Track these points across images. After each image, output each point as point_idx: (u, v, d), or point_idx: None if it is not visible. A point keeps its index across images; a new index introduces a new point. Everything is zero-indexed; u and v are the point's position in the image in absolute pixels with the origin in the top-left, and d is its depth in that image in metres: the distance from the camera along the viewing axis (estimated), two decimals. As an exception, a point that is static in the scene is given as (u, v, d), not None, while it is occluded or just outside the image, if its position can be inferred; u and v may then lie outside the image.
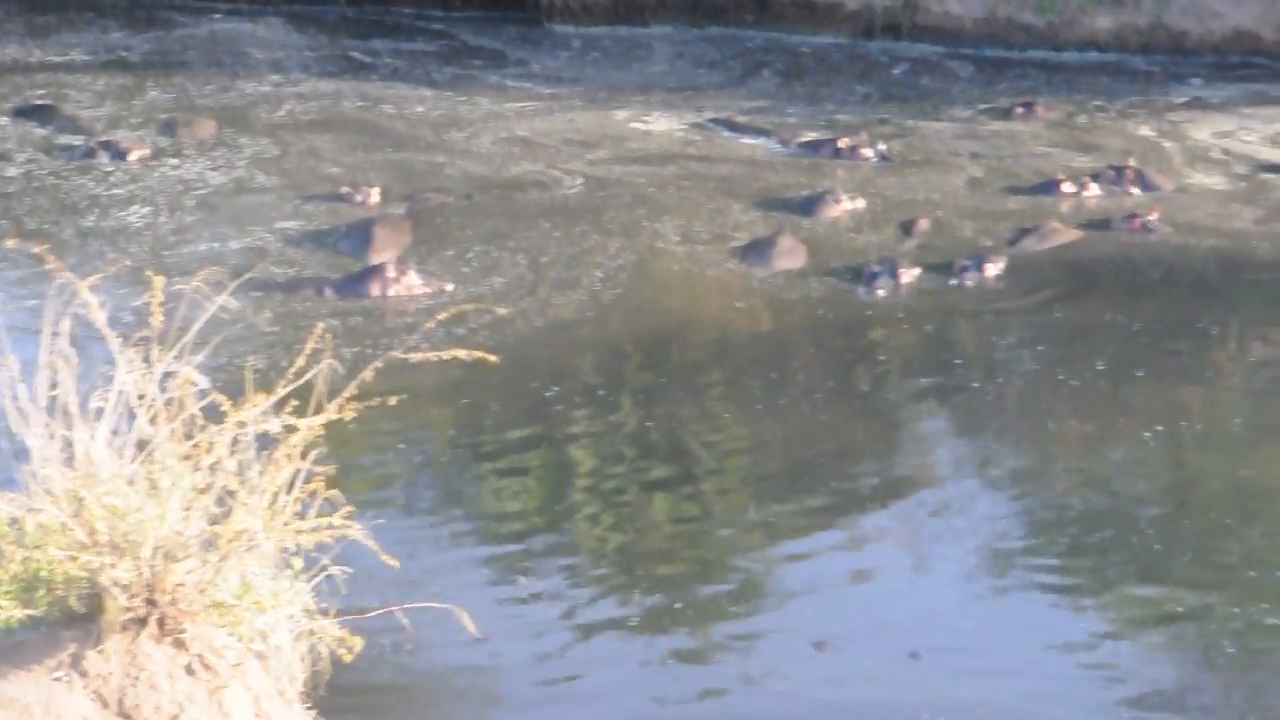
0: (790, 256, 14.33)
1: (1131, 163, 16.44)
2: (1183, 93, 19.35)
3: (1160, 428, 11.49)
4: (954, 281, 13.89)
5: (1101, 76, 20.05)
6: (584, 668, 8.97)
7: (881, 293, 13.68)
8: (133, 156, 16.55)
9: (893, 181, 16.39)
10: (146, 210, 15.34)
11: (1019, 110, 18.51)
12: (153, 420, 7.01)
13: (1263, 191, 16.11)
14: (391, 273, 13.46)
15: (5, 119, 18.09)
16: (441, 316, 8.80)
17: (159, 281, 7.14)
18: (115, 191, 15.78)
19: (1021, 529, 10.41)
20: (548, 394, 11.98)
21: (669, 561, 10.05)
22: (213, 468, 6.95)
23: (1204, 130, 17.96)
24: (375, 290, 13.39)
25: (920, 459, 11.37)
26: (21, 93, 19.09)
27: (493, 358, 7.91)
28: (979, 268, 14.04)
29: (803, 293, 13.75)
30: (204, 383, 7.22)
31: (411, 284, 13.47)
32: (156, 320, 7.08)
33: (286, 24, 22.28)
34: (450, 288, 13.51)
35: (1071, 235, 14.94)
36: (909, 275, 13.88)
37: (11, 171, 16.44)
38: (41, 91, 19.17)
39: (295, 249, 14.46)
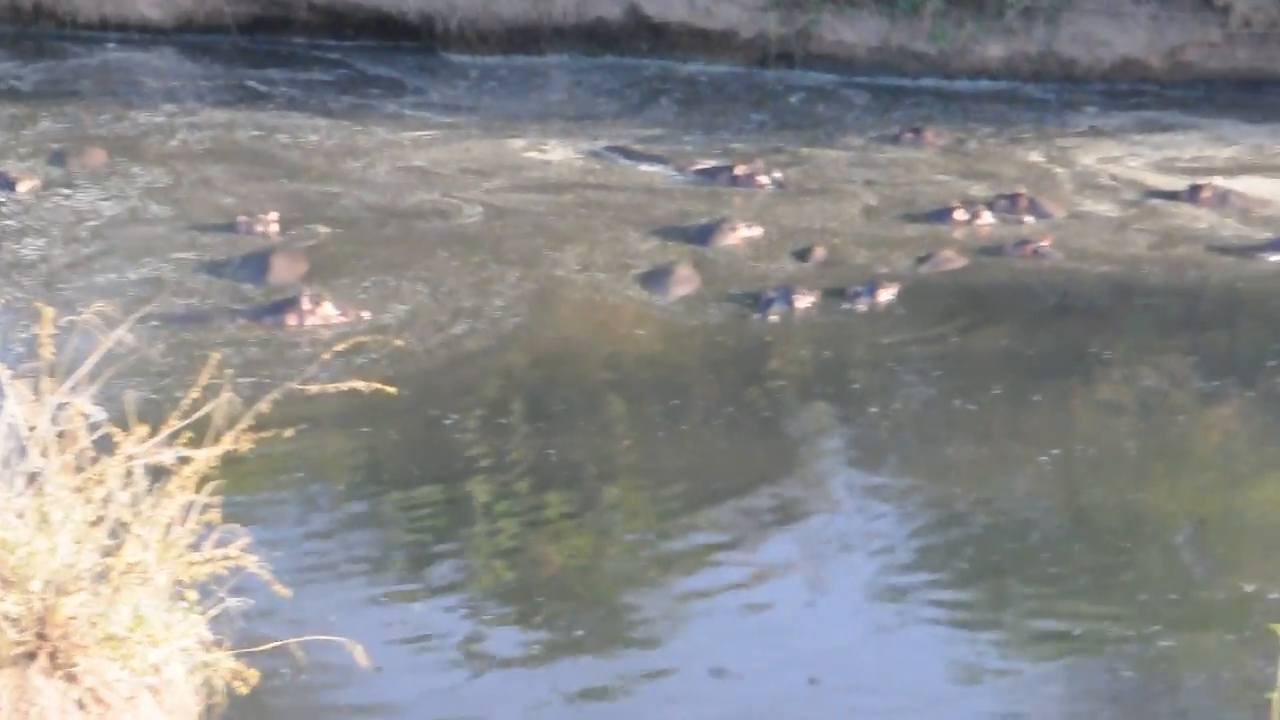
0: (688, 284, 14.38)
1: (1023, 190, 16.63)
2: (1074, 120, 19.58)
3: (1056, 452, 11.61)
4: (848, 307, 13.99)
5: (995, 104, 20.26)
6: (480, 701, 8.93)
7: (778, 319, 13.75)
8: (22, 187, 16.34)
9: (788, 209, 16.48)
10: (38, 241, 15.16)
11: (908, 136, 18.69)
12: (43, 452, 6.94)
13: (1153, 218, 16.33)
14: (307, 304, 13.37)
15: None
16: (340, 347, 8.74)
17: (49, 313, 7.08)
18: (6, 223, 15.57)
19: (920, 556, 10.46)
20: (447, 422, 11.95)
21: (567, 593, 10.03)
22: (105, 500, 6.89)
23: (1094, 157, 18.19)
24: (292, 320, 13.31)
25: (818, 486, 11.42)
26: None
27: (391, 388, 7.89)
28: (872, 294, 14.16)
29: (701, 320, 13.80)
30: (96, 414, 7.16)
31: (328, 314, 13.39)
32: (46, 352, 7.02)
33: (180, 54, 22.09)
34: (367, 316, 13.46)
35: (965, 262, 15.09)
36: (805, 301, 13.97)
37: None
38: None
39: (192, 279, 14.34)
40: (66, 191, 16.53)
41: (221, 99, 20.13)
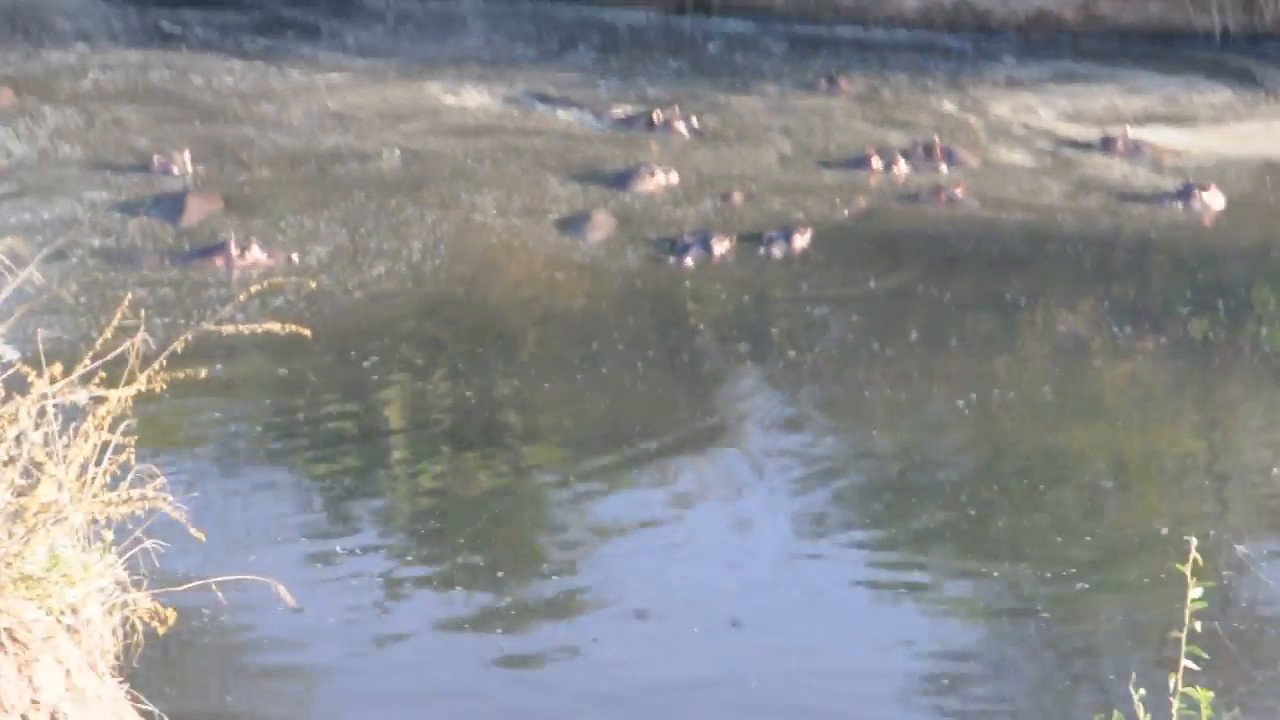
0: (605, 229, 14.36)
1: (938, 139, 16.68)
2: (989, 71, 19.65)
3: (973, 396, 11.69)
4: (764, 253, 14.00)
5: (911, 54, 20.30)
6: (399, 637, 8.93)
7: (694, 264, 13.75)
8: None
9: (706, 155, 16.47)
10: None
11: (823, 84, 18.72)
12: (-45, 393, 6.83)
13: (1067, 167, 16.43)
14: (235, 249, 13.23)
15: None
16: (255, 288, 8.65)
17: (-45, 254, 6.95)
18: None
19: (838, 499, 10.53)
20: (365, 364, 11.90)
21: (488, 533, 10.02)
22: (18, 439, 6.78)
23: (1009, 107, 18.27)
24: (219, 264, 13.17)
25: (738, 429, 11.44)
26: None
27: (306, 331, 7.81)
28: (788, 239, 14.17)
29: (619, 264, 13.79)
30: (8, 354, 7.06)
31: (255, 258, 13.26)
32: (-42, 293, 6.90)
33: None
34: (296, 259, 13.36)
35: (880, 209, 15.13)
36: (722, 247, 13.97)
37: None
38: None
39: (106, 219, 14.18)
40: (-26, 131, 16.32)
41: (134, 40, 19.88)
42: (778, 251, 14.07)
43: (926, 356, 12.36)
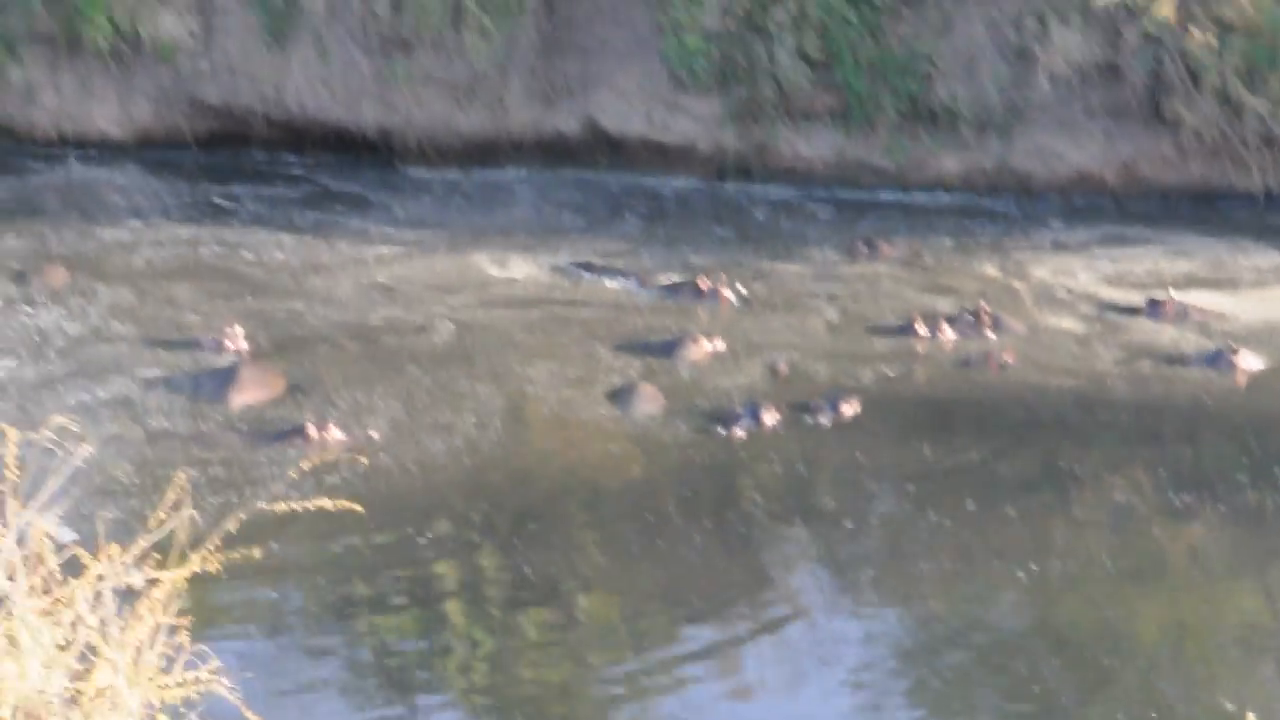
0: (655, 400, 14.37)
1: (984, 304, 16.70)
2: (1033, 234, 19.72)
3: (1032, 568, 11.57)
4: (813, 421, 13.98)
5: (954, 217, 20.39)
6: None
7: (744, 434, 13.73)
8: (-16, 305, 16.26)
9: (753, 323, 16.53)
10: (2, 361, 15.05)
11: (863, 250, 18.80)
12: (10, 575, 6.82)
13: (1114, 332, 16.41)
14: (313, 431, 13.25)
15: None
16: (306, 466, 8.67)
17: (11, 433, 6.98)
18: (-32, 342, 15.48)
19: (897, 677, 10.37)
20: (420, 541, 11.85)
21: (543, 714, 9.91)
22: (74, 623, 6.76)
23: (1053, 271, 18.30)
24: (298, 444, 13.16)
25: (794, 604, 11.32)
26: None
27: (358, 507, 7.81)
28: (836, 408, 14.16)
29: (670, 436, 13.77)
30: (64, 535, 7.06)
31: (335, 437, 13.28)
32: (10, 473, 6.91)
33: (143, 169, 22.12)
34: (376, 436, 13.37)
35: (929, 376, 15.11)
36: (771, 416, 13.96)
37: None
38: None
39: (158, 398, 14.22)
40: (29, 310, 16.44)
41: (187, 215, 20.13)
42: (827, 420, 14.06)
43: (982, 527, 12.27)
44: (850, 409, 14.20)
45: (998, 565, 11.69)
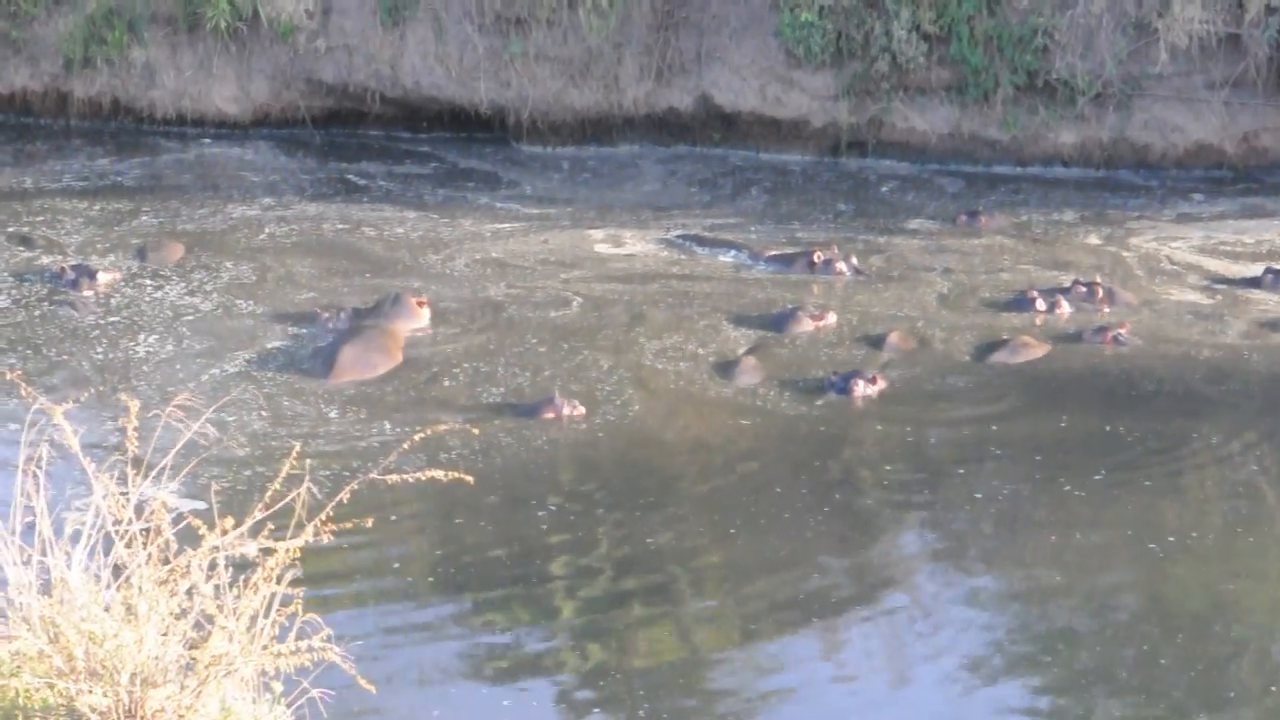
0: (769, 372, 14.36)
1: (1099, 278, 16.56)
2: (1149, 207, 19.56)
3: (1155, 546, 11.41)
4: (927, 392, 13.93)
5: (1070, 190, 20.25)
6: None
7: (857, 407, 13.69)
8: (103, 280, 16.46)
9: (867, 296, 16.49)
10: (121, 336, 15.28)
11: (980, 223, 18.73)
12: (129, 545, 6.96)
13: (1232, 304, 16.22)
14: (562, 404, 13.36)
15: (-12, 246, 17.97)
16: (419, 437, 8.73)
17: (133, 406, 7.11)
18: (87, 317, 15.68)
19: (1014, 657, 10.19)
20: (534, 514, 11.87)
21: (653, 681, 9.92)
22: (189, 592, 6.89)
23: (1171, 244, 18.12)
24: (548, 416, 13.31)
25: (907, 581, 11.18)
26: (9, 220, 18.94)
27: (469, 478, 7.88)
28: (952, 380, 14.12)
29: (781, 408, 13.74)
30: (183, 506, 7.20)
31: (574, 413, 13.39)
32: (131, 445, 7.05)
33: (274, 148, 22.43)
34: (582, 411, 13.46)
35: (1045, 349, 15.00)
36: (886, 387, 13.93)
37: (-12, 300, 16.32)
38: (28, 218, 19.02)
39: (272, 372, 14.38)
40: (150, 284, 16.68)
41: (319, 192, 20.37)
42: (942, 392, 14.00)
43: (1103, 504, 12.05)
44: (966, 381, 14.13)
45: (1119, 544, 11.49)
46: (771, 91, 21.80)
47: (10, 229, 18.53)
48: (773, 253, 17.76)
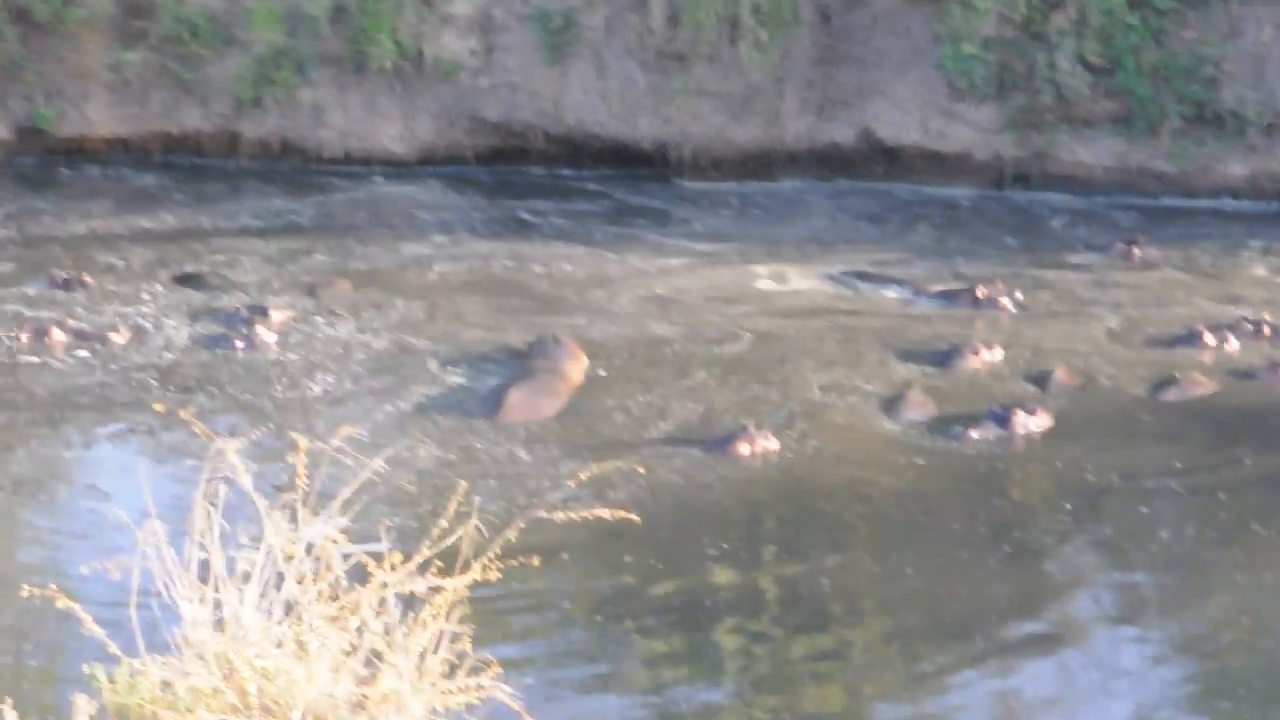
0: (933, 408, 14.27)
1: (1268, 315, 16.23)
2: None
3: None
4: (1092, 430, 13.74)
5: (1240, 223, 19.95)
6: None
7: (1022, 443, 13.54)
8: (277, 318, 16.67)
9: (1032, 331, 16.34)
10: (290, 373, 15.47)
11: (1147, 257, 18.52)
12: (299, 582, 7.04)
13: None
14: (755, 435, 13.39)
15: (163, 286, 18.18)
16: (584, 476, 8.75)
17: (303, 443, 7.20)
18: (260, 356, 15.88)
19: (1183, 703, 9.96)
20: (700, 551, 11.80)
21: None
22: (359, 629, 6.95)
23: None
24: (743, 450, 13.37)
25: (1073, 625, 10.92)
26: (184, 260, 19.15)
27: (634, 516, 7.88)
28: (1117, 418, 13.91)
29: (944, 445, 13.60)
30: (351, 544, 7.25)
31: (768, 446, 13.42)
32: (302, 482, 7.13)
33: (444, 186, 22.66)
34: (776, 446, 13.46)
35: (1215, 387, 14.74)
36: (1049, 423, 13.76)
37: (162, 338, 16.53)
38: (204, 258, 19.29)
39: (438, 412, 14.46)
40: (322, 322, 16.87)
41: (490, 230, 20.52)
42: (1114, 430, 13.80)
43: (1277, 548, 11.82)
44: (1136, 419, 13.94)
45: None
46: (934, 125, 21.73)
47: (189, 268, 18.83)
48: (938, 288, 17.66)
